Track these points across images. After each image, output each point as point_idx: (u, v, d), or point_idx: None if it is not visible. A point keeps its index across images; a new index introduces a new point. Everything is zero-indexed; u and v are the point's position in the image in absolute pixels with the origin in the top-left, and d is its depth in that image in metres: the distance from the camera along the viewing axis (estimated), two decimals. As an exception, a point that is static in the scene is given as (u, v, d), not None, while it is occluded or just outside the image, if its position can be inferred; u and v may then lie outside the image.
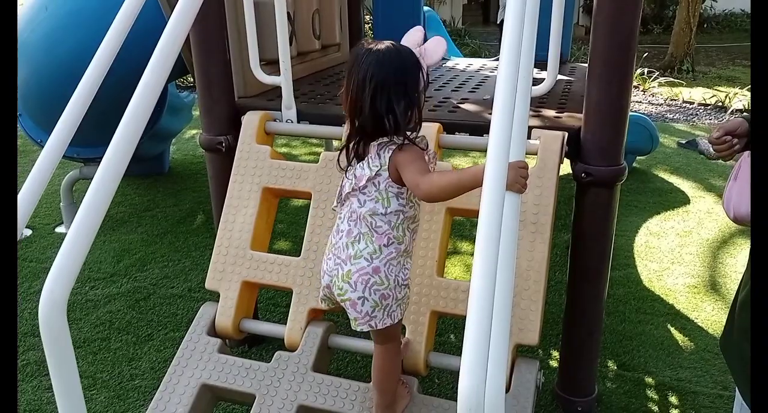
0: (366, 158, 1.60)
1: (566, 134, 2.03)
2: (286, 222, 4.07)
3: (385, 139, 1.58)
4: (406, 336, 1.94)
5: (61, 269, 1.32)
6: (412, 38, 1.61)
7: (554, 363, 2.59)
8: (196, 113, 3.73)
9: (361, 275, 1.58)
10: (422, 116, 1.62)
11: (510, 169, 1.24)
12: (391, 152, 1.56)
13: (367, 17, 6.61)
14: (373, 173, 1.58)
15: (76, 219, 1.38)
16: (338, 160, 1.68)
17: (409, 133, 1.58)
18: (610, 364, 2.64)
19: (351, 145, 1.62)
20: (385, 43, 1.56)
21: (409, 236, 1.65)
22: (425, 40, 1.62)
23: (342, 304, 1.66)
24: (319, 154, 2.30)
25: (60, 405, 1.35)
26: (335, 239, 1.68)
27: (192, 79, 4.00)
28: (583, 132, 2.04)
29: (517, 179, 1.26)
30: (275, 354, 2.00)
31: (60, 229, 4.02)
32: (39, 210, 4.21)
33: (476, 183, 1.37)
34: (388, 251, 1.60)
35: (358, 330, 1.65)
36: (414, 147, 1.58)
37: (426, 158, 1.60)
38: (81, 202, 1.40)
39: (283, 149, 5.64)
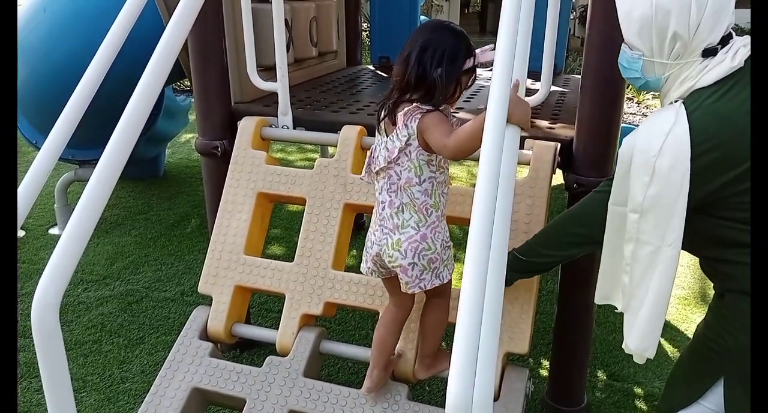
0: (394, 130, 1.67)
1: (559, 145, 2.04)
2: (280, 227, 4.07)
3: (412, 106, 1.64)
4: (398, 346, 1.95)
5: (55, 270, 1.33)
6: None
7: (544, 372, 2.60)
8: (192, 117, 3.74)
9: (410, 243, 1.67)
10: (461, 96, 1.71)
11: (518, 103, 1.37)
12: (417, 121, 1.62)
13: (365, 25, 6.65)
14: (403, 143, 1.64)
15: (71, 221, 1.38)
16: (377, 118, 1.75)
17: (441, 107, 1.65)
18: (600, 374, 2.65)
19: (389, 102, 1.69)
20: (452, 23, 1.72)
21: (444, 200, 1.73)
22: None
23: (394, 270, 1.73)
24: (314, 160, 2.31)
25: (50, 407, 1.35)
26: (378, 209, 1.76)
27: (189, 83, 4.01)
28: (576, 143, 2.06)
29: (523, 113, 1.37)
30: (266, 358, 2.00)
31: (53, 230, 4.01)
32: (32, 211, 4.20)
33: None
34: (431, 220, 1.69)
35: (410, 292, 1.73)
36: (438, 113, 1.64)
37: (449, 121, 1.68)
38: (75, 204, 1.41)
39: (279, 155, 5.65)
